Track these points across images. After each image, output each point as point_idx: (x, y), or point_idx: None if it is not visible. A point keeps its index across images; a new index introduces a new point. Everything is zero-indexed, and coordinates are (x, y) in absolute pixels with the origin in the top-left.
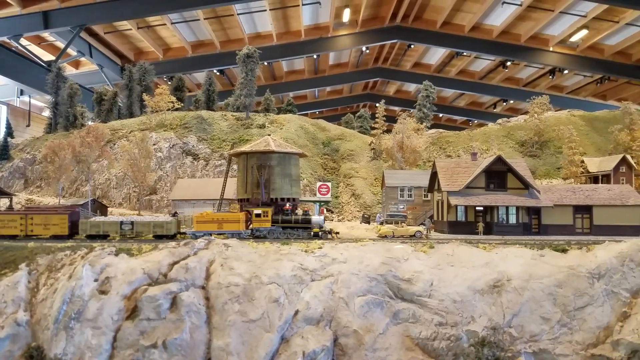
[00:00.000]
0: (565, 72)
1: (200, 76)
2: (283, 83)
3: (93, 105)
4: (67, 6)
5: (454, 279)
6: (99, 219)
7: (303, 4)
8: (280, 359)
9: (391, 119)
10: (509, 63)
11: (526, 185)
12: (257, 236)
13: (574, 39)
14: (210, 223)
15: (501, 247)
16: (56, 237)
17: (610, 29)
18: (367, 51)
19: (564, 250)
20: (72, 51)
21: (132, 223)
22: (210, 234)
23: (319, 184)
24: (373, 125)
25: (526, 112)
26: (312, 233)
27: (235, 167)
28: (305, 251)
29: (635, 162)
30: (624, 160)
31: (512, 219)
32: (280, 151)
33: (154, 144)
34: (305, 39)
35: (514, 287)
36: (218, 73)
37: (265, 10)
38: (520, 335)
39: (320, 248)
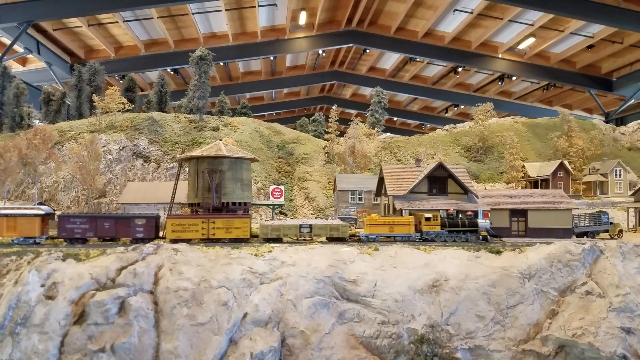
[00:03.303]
0: (514, 78)
1: (153, 75)
2: (239, 84)
3: (40, 104)
4: (14, 1)
5: (396, 279)
6: (278, 222)
7: (259, 5)
8: None
9: (347, 121)
10: (460, 69)
11: (465, 190)
12: (425, 239)
13: (521, 46)
14: (381, 226)
15: (440, 249)
16: (235, 241)
17: (556, 38)
18: (324, 54)
19: (498, 252)
20: (18, 48)
21: (310, 226)
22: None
23: (272, 187)
24: (327, 129)
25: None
26: (480, 236)
27: (187, 169)
28: (255, 255)
29: (572, 167)
30: (561, 166)
31: None
32: (231, 156)
33: (103, 146)
34: (261, 40)
35: (451, 287)
36: (172, 72)
37: (221, 11)
38: (457, 332)
39: (270, 252)
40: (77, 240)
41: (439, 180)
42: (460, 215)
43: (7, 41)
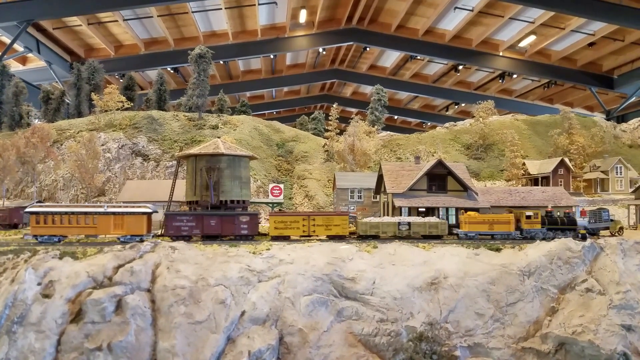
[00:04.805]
0: (514, 76)
1: (153, 74)
2: (239, 82)
3: (40, 103)
4: (14, 0)
5: (395, 277)
6: (376, 219)
7: (259, 4)
8: (226, 358)
9: (347, 120)
10: (460, 67)
11: (465, 188)
12: (525, 237)
13: (522, 44)
14: (480, 224)
15: (439, 246)
16: (333, 238)
17: (557, 35)
18: (324, 52)
19: (498, 249)
20: (18, 47)
21: (409, 224)
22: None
23: (271, 185)
24: (327, 127)
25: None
26: (578, 234)
27: (185, 167)
28: (253, 253)
29: (573, 165)
30: (562, 163)
31: (452, 220)
32: (229, 154)
33: (102, 145)
34: (261, 39)
35: (450, 285)
36: (172, 71)
37: (221, 9)
38: (456, 330)
39: (268, 250)
40: (182, 238)
41: (439, 178)
42: (558, 213)
43: (7, 40)
